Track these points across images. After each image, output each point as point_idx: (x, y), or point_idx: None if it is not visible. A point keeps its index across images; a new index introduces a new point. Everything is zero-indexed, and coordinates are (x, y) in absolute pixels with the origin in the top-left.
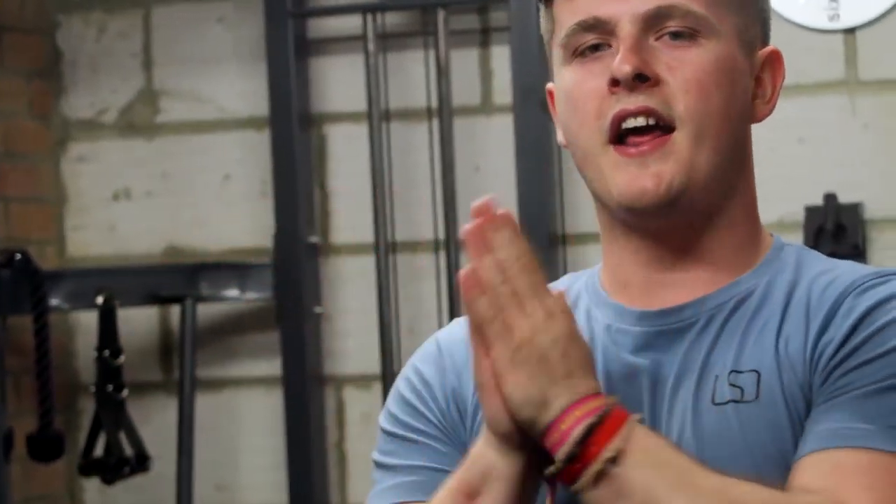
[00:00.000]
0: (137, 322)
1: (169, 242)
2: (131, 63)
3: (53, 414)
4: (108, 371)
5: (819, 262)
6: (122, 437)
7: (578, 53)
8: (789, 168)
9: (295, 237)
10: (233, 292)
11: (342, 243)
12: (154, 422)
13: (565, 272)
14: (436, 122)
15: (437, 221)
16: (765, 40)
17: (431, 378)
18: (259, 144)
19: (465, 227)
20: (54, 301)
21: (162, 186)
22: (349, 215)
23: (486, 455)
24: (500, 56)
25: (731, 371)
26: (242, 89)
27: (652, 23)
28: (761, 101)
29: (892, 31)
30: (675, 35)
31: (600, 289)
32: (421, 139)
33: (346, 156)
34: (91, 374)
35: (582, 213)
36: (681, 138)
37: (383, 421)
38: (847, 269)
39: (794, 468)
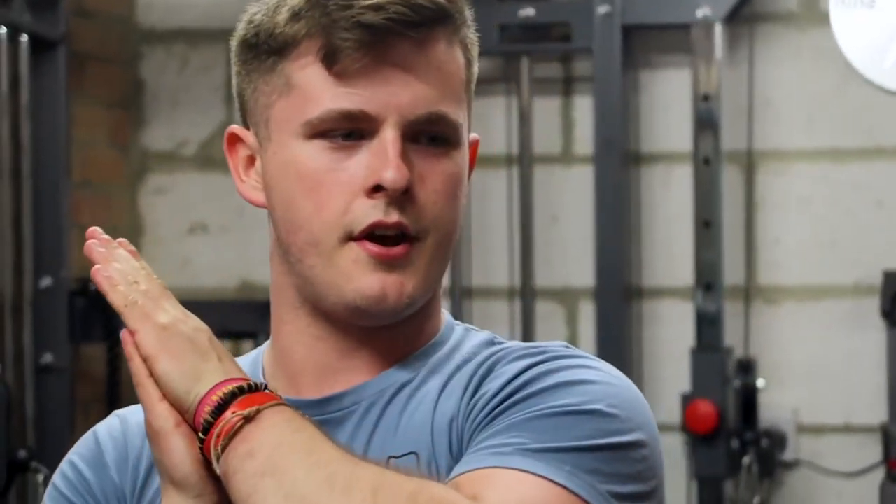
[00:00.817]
0: None
1: (242, 278)
2: (212, 97)
3: None
4: None
5: (485, 339)
6: None
7: (327, 136)
8: (867, 232)
9: None
10: None
11: None
12: None
13: (640, 326)
14: (516, 170)
15: (514, 269)
16: None
17: (87, 472)
18: None
19: (87, 244)
20: None
21: (238, 222)
22: None
23: None
24: (583, 106)
25: (389, 457)
26: None
27: (418, 128)
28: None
29: None
30: (432, 139)
31: (262, 378)
32: (499, 186)
33: None
34: None
35: (659, 267)
36: (420, 249)
37: None
38: (511, 345)
39: None
